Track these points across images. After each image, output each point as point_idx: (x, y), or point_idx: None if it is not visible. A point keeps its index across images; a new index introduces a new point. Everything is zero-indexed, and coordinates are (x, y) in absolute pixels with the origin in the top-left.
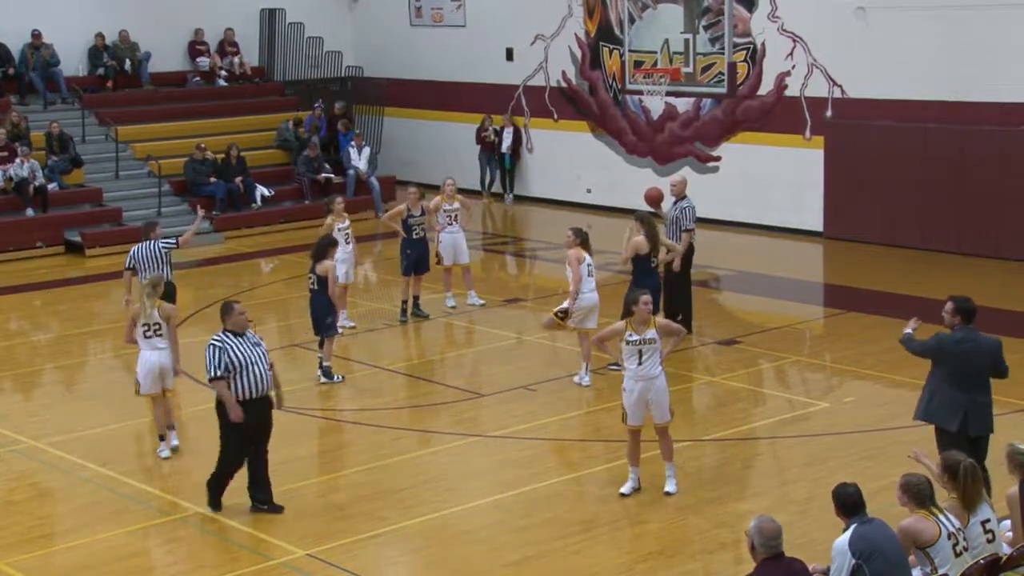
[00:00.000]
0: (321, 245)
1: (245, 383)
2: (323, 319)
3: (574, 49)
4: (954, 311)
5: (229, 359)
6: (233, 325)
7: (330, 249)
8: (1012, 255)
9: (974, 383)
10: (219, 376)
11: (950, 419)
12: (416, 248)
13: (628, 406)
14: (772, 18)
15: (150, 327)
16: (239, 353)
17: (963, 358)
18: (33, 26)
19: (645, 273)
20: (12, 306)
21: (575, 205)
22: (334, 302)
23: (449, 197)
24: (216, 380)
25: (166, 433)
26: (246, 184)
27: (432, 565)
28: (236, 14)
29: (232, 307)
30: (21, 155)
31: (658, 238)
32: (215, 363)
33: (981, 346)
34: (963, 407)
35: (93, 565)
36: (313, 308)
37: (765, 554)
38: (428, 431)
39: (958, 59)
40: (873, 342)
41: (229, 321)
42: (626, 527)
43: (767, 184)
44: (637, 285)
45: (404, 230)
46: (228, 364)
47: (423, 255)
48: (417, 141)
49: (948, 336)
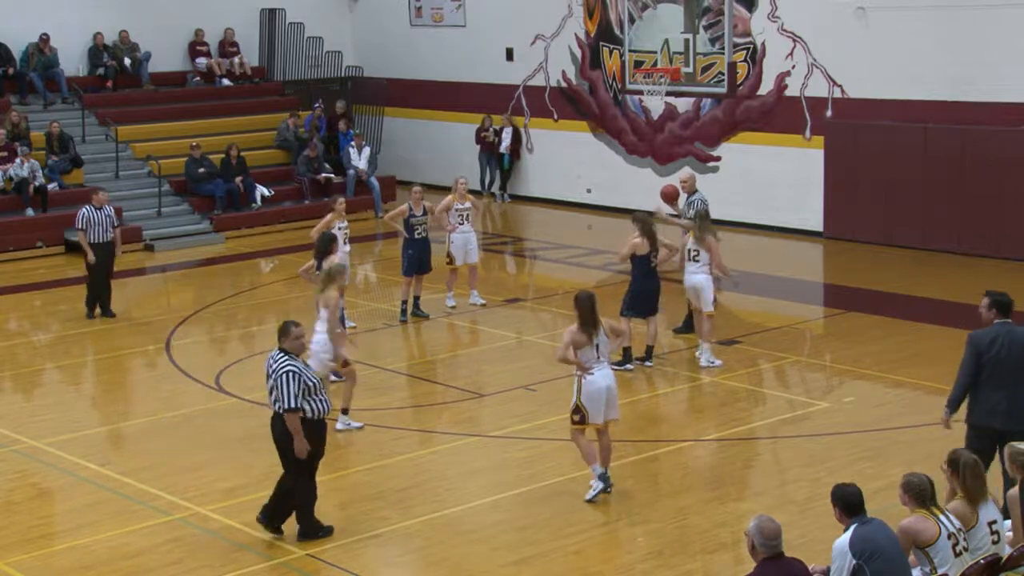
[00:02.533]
0: (323, 241)
1: (318, 404)
2: None
3: (574, 49)
4: (990, 305)
5: (305, 384)
6: (290, 347)
7: (332, 244)
8: (1012, 255)
9: (1014, 379)
10: (297, 407)
11: (991, 417)
12: (418, 248)
13: (589, 405)
14: (772, 18)
15: (691, 252)
16: (311, 375)
17: (997, 357)
18: (33, 25)
19: (645, 274)
20: (12, 306)
21: (575, 205)
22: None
23: (461, 196)
24: (293, 411)
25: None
26: (246, 184)
27: (432, 565)
28: (236, 14)
29: (290, 329)
30: (21, 155)
31: (656, 238)
32: (295, 393)
33: (1016, 339)
34: (1005, 403)
35: (93, 565)
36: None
37: (765, 554)
38: (428, 431)
39: (958, 59)
40: (873, 342)
41: (286, 342)
42: (626, 527)
43: (767, 184)
44: (637, 285)
45: (406, 230)
46: (305, 390)
47: (425, 255)
48: (417, 141)
49: (979, 339)
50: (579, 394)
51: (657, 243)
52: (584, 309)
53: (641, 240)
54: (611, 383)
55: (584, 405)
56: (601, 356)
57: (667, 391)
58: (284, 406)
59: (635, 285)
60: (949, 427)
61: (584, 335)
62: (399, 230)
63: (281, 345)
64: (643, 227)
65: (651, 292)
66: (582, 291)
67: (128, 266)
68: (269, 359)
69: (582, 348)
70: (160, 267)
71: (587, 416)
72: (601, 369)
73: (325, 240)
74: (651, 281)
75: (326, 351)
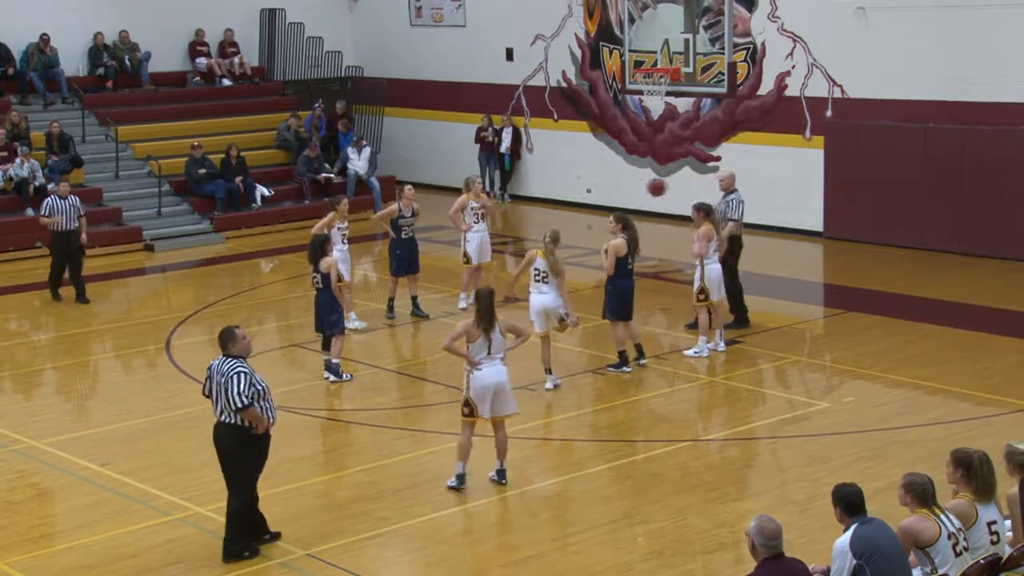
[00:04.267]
0: (318, 242)
1: (267, 410)
2: (327, 317)
3: (574, 49)
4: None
5: (254, 387)
6: (239, 351)
7: (326, 245)
8: (1012, 255)
9: None
10: (250, 404)
11: None
12: (405, 248)
13: (476, 400)
14: (772, 18)
15: (540, 272)
16: (260, 379)
17: None
18: (33, 26)
19: (620, 274)
20: (12, 306)
21: (575, 205)
22: (338, 298)
23: (476, 196)
24: (247, 409)
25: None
26: (246, 184)
27: (432, 565)
28: (236, 14)
29: (235, 332)
30: (21, 155)
31: (637, 240)
32: (247, 392)
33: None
34: None
35: (93, 565)
36: (317, 306)
37: (765, 554)
38: (428, 431)
39: (958, 59)
40: (873, 342)
41: (234, 348)
42: (626, 527)
43: (767, 184)
44: (613, 285)
45: (393, 230)
46: (254, 393)
47: (413, 255)
48: (417, 141)
49: None
50: (467, 389)
51: (638, 245)
52: (481, 305)
53: (622, 242)
54: (500, 380)
55: (472, 399)
56: (493, 353)
57: (667, 391)
58: (236, 405)
59: (612, 286)
60: None
61: (477, 329)
62: (387, 230)
63: (229, 352)
64: (626, 229)
65: (628, 292)
66: (484, 287)
67: (128, 266)
68: (212, 366)
69: (474, 342)
70: (160, 267)
71: (475, 410)
72: (492, 366)
73: (318, 241)
74: (627, 281)
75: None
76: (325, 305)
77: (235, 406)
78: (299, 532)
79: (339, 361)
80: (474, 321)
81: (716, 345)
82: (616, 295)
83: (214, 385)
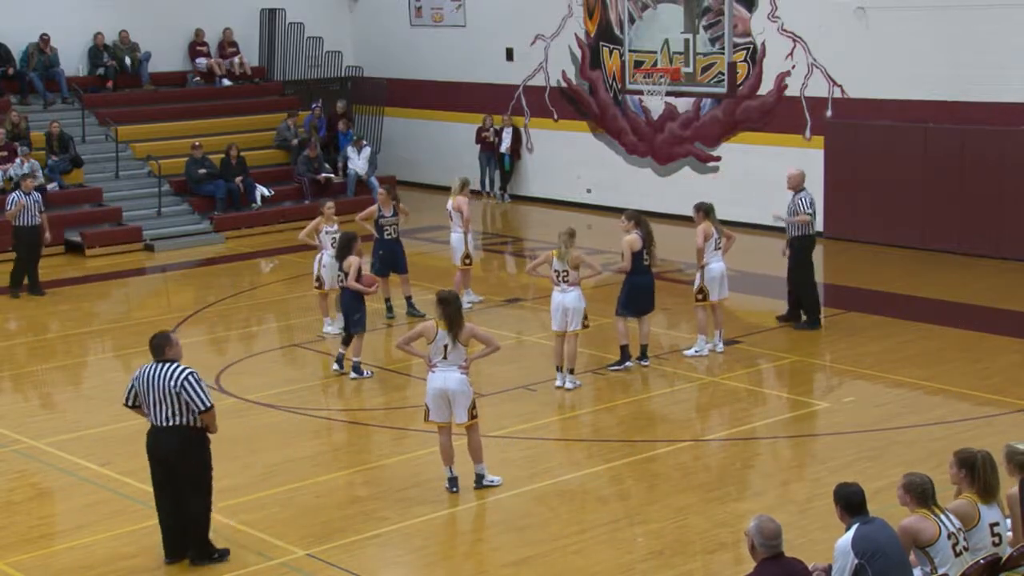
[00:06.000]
0: (345, 241)
1: None
2: (351, 316)
3: (574, 49)
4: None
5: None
6: (175, 355)
7: (353, 244)
8: (1012, 255)
9: None
10: (212, 404)
11: None
12: (388, 248)
13: (429, 403)
14: (772, 18)
15: (559, 274)
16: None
17: None
18: (33, 26)
19: (638, 271)
20: (12, 306)
21: (575, 205)
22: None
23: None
24: (211, 410)
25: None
26: (246, 184)
27: (432, 565)
28: (236, 14)
29: (170, 337)
30: (21, 155)
31: (652, 235)
32: (206, 393)
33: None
34: None
35: (93, 565)
36: (343, 304)
37: (765, 554)
38: (428, 431)
39: (958, 59)
40: (873, 342)
41: (171, 351)
42: (626, 527)
43: (767, 184)
44: (629, 282)
45: (376, 231)
46: None
47: (397, 255)
48: (417, 141)
49: None
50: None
51: (653, 241)
52: (443, 308)
53: (636, 237)
54: (448, 386)
55: (427, 402)
56: (450, 358)
57: (667, 391)
58: (205, 406)
59: (629, 282)
60: None
61: (434, 331)
62: (370, 231)
63: (165, 356)
64: (640, 225)
65: (646, 289)
66: (449, 292)
67: (128, 266)
68: (144, 373)
69: (432, 343)
70: (160, 267)
71: (427, 413)
72: (445, 371)
73: (345, 240)
74: (645, 278)
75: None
76: (347, 304)
77: (202, 407)
78: (299, 532)
79: (360, 359)
80: (434, 322)
81: (716, 345)
82: (629, 291)
83: (153, 391)
